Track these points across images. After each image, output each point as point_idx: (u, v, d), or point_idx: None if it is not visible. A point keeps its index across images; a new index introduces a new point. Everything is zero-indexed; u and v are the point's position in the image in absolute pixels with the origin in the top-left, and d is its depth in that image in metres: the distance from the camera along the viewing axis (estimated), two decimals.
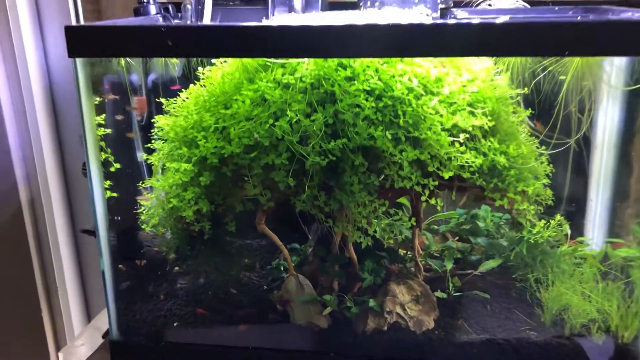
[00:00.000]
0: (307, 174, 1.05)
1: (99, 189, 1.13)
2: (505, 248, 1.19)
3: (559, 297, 1.09)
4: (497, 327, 1.11)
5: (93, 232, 1.30)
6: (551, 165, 1.11)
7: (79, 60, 1.03)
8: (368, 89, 0.99)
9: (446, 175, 1.01)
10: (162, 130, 1.14)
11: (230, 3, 1.48)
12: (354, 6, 1.43)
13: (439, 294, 1.15)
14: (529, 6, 1.39)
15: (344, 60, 1.01)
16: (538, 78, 1.07)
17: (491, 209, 1.27)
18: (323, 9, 1.40)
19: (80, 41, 1.00)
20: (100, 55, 1.05)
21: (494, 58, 1.08)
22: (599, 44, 0.90)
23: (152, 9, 1.41)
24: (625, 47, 0.91)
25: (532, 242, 1.09)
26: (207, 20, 1.43)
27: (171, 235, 1.17)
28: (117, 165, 1.19)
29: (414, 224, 1.13)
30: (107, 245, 1.17)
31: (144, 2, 1.41)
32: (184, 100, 1.15)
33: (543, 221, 1.08)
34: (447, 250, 1.22)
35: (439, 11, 1.34)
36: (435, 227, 1.34)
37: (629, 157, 1.26)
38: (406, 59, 1.00)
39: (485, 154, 1.03)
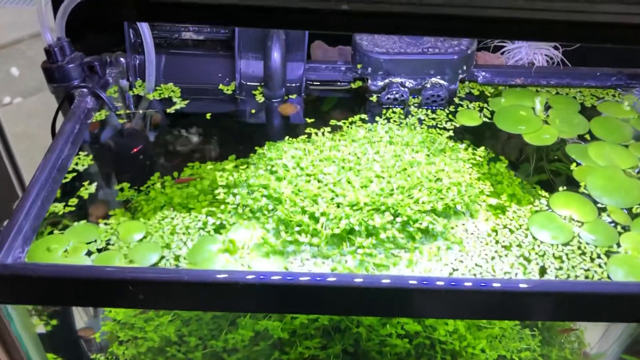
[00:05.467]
0: None
1: None
2: None
3: None
4: None
5: None
6: None
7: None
8: (402, 333, 0.79)
9: None
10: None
11: (174, 48, 1.10)
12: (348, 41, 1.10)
13: None
14: (568, 64, 1.11)
15: None
16: None
17: None
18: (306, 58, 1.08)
19: (12, 287, 0.71)
20: (43, 303, 0.77)
21: None
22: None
23: (73, 71, 1.02)
24: None
25: None
26: (151, 77, 1.07)
27: None
28: None
29: None
30: None
31: (58, 61, 1.01)
32: None
33: None
34: None
35: (457, 83, 1.06)
36: None
37: None
38: None
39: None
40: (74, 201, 0.87)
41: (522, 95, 1.08)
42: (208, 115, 1.06)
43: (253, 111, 1.06)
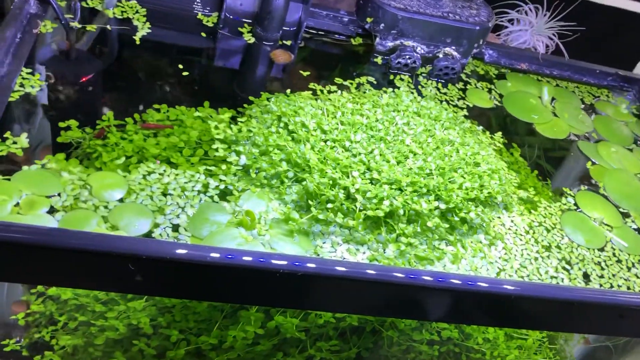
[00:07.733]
0: None
1: None
2: None
3: None
4: None
5: None
6: None
7: None
8: (437, 339, 0.67)
9: None
10: None
11: None
12: None
13: None
14: (564, 53, 1.05)
15: None
16: None
17: None
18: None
19: None
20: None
21: None
22: None
23: None
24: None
25: None
26: None
27: None
28: None
29: None
30: None
31: None
32: None
33: None
34: None
35: (469, 57, 0.95)
36: None
37: None
38: None
39: None
40: (12, 141, 0.63)
41: (526, 82, 1.01)
42: (181, 49, 0.85)
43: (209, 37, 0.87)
